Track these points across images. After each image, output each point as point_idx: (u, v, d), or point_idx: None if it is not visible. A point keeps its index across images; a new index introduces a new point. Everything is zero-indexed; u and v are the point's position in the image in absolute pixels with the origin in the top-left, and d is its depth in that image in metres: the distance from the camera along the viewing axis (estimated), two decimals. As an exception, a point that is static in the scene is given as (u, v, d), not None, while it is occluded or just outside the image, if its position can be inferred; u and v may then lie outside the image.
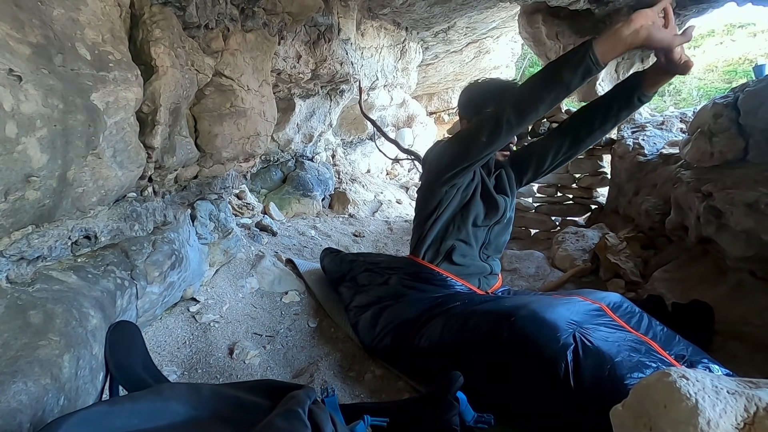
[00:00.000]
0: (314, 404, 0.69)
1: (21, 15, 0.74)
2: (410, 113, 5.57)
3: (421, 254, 1.40)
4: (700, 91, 8.19)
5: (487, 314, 1.08)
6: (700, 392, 0.50)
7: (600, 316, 1.01)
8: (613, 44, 0.94)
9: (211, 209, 1.73)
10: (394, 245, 2.73)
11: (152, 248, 1.22)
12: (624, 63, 2.64)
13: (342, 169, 4.13)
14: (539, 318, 0.95)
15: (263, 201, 3.10)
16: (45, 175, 0.78)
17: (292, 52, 2.54)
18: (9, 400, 0.66)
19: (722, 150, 1.52)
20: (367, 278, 1.53)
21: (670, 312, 1.34)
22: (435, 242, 1.38)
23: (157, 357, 1.22)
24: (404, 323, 1.24)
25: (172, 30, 1.18)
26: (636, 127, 2.58)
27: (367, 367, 1.29)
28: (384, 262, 1.57)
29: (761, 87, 1.44)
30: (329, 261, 1.82)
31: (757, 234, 1.24)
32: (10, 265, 0.84)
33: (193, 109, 1.44)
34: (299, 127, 3.30)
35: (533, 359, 0.91)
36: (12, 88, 0.69)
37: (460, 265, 1.35)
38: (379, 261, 1.60)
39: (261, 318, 1.57)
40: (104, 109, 0.91)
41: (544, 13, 2.74)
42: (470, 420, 0.88)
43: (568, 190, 2.95)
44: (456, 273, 1.35)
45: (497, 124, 1.11)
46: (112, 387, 0.88)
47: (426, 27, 3.94)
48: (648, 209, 1.99)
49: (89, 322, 0.89)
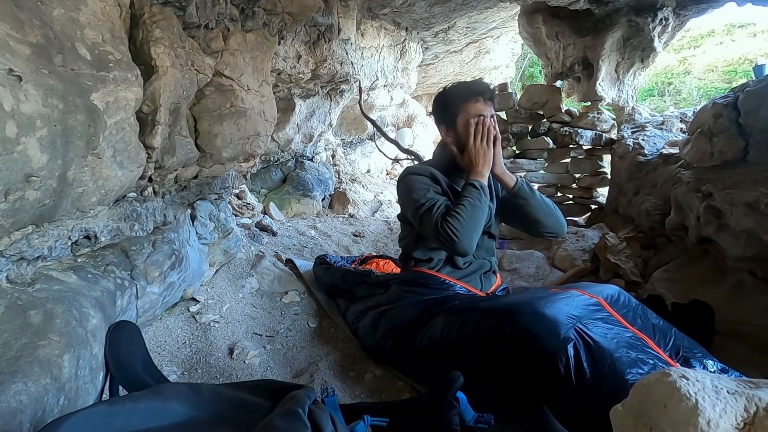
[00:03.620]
0: (314, 404, 0.69)
1: (21, 15, 0.74)
2: (410, 113, 5.57)
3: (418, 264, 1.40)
4: (700, 91, 8.18)
5: (487, 311, 1.08)
6: (700, 392, 0.50)
7: (598, 311, 1.01)
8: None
9: (211, 209, 1.73)
10: (394, 245, 2.73)
11: (152, 248, 1.22)
12: (624, 63, 2.64)
13: (342, 169, 4.13)
14: (539, 313, 0.96)
15: (263, 201, 3.10)
16: (45, 175, 0.78)
17: (292, 52, 2.54)
18: (9, 400, 0.66)
19: (722, 150, 1.52)
20: (366, 290, 1.55)
21: (670, 312, 1.34)
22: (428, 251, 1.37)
23: (157, 357, 1.22)
24: (405, 325, 1.25)
25: (172, 30, 1.18)
26: (636, 127, 2.58)
27: (367, 367, 1.29)
28: (382, 276, 1.60)
29: (761, 87, 1.44)
30: (322, 273, 1.83)
31: (757, 234, 1.24)
32: (10, 265, 0.84)
33: (193, 109, 1.44)
34: (299, 127, 3.30)
35: (534, 354, 0.91)
36: (12, 88, 0.69)
37: (460, 268, 1.35)
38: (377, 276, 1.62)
39: (261, 318, 1.57)
40: (104, 109, 0.91)
41: (544, 13, 2.74)
42: (470, 420, 0.88)
43: (568, 190, 2.95)
44: (456, 276, 1.35)
45: (439, 242, 1.21)
46: (112, 387, 0.88)
47: (426, 27, 3.94)
48: (648, 209, 1.99)
49: (89, 322, 0.89)
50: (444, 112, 1.38)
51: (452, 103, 1.35)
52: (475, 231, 1.20)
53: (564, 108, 2.88)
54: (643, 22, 2.40)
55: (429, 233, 1.22)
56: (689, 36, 9.95)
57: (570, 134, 2.77)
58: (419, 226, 1.28)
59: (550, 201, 1.37)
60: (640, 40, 2.52)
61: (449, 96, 1.37)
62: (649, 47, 2.54)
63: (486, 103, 1.32)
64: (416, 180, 1.32)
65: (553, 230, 1.36)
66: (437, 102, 1.41)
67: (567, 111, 2.88)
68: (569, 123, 2.85)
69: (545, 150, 2.93)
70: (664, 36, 2.50)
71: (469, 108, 1.31)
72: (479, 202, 1.20)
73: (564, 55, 2.76)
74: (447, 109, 1.36)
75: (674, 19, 2.43)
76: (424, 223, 1.23)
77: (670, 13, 2.39)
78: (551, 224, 1.34)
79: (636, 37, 2.52)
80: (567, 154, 2.85)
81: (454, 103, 1.35)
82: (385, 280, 1.53)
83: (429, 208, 1.22)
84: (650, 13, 2.36)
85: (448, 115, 1.36)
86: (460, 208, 1.19)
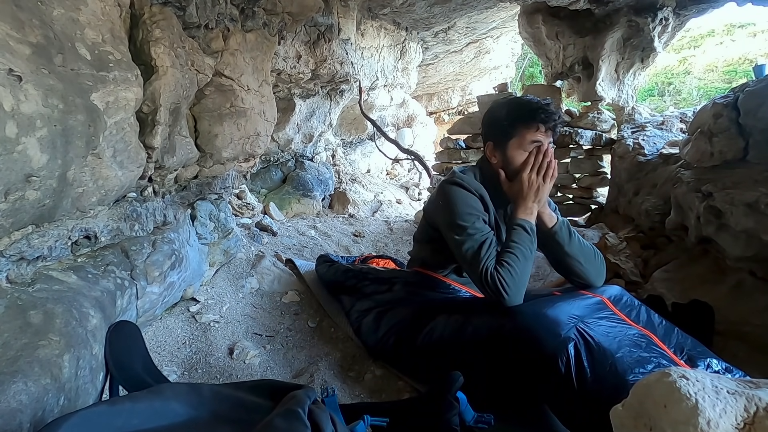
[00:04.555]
0: (314, 404, 0.69)
1: (21, 15, 0.74)
2: (410, 113, 5.57)
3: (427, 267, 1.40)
4: (700, 91, 8.18)
5: (488, 311, 1.08)
6: (700, 392, 0.50)
7: (601, 310, 1.01)
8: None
9: (211, 209, 1.73)
10: (394, 245, 2.73)
11: (152, 248, 1.22)
12: (624, 63, 2.64)
13: (342, 169, 4.13)
14: (540, 313, 0.96)
15: (263, 201, 3.10)
16: (45, 175, 0.78)
17: (292, 52, 2.55)
18: (9, 400, 0.66)
19: (722, 150, 1.52)
20: (370, 288, 1.52)
21: (670, 312, 1.34)
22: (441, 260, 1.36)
23: (157, 357, 1.22)
24: (406, 324, 1.25)
25: (172, 30, 1.18)
26: (636, 127, 2.58)
27: (367, 367, 1.29)
28: (386, 273, 1.56)
29: (761, 87, 1.44)
30: (324, 270, 1.81)
31: (757, 234, 1.24)
32: (10, 265, 0.84)
33: (193, 109, 1.44)
34: (299, 127, 3.30)
35: (534, 354, 0.91)
36: (12, 88, 0.69)
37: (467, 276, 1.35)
38: (380, 272, 1.58)
39: (261, 318, 1.57)
40: (104, 109, 0.91)
41: (544, 13, 2.74)
42: (470, 420, 0.88)
43: (568, 190, 2.95)
44: (462, 282, 1.35)
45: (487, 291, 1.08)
46: (112, 387, 0.88)
47: (426, 27, 3.94)
48: (648, 209, 1.99)
49: (89, 322, 0.89)
50: (496, 128, 1.21)
51: (509, 121, 1.18)
52: (524, 285, 1.06)
53: (564, 108, 2.88)
54: (643, 22, 2.40)
55: (473, 275, 1.11)
56: (689, 36, 9.94)
57: (570, 134, 2.77)
58: (461, 260, 1.15)
59: (591, 247, 1.20)
60: (640, 40, 2.52)
61: (508, 112, 1.19)
62: (649, 47, 2.54)
63: (547, 134, 1.16)
64: (465, 198, 1.17)
65: (585, 280, 1.17)
66: (491, 114, 1.25)
67: (567, 111, 2.88)
68: (569, 123, 2.85)
69: (545, 150, 2.92)
70: (664, 36, 2.50)
71: (526, 134, 1.15)
72: (530, 252, 1.08)
73: (564, 55, 2.76)
74: (500, 126, 1.20)
75: (674, 19, 2.43)
76: (468, 261, 1.10)
77: (670, 13, 2.39)
78: (584, 274, 1.16)
79: (636, 37, 2.52)
80: (567, 154, 2.85)
81: (510, 122, 1.18)
82: (388, 277, 1.50)
83: (479, 247, 1.09)
84: (650, 13, 2.36)
85: (499, 133, 1.20)
86: (512, 259, 1.06)
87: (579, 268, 1.16)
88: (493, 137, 1.23)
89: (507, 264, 1.05)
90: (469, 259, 1.10)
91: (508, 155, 1.19)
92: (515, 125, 1.17)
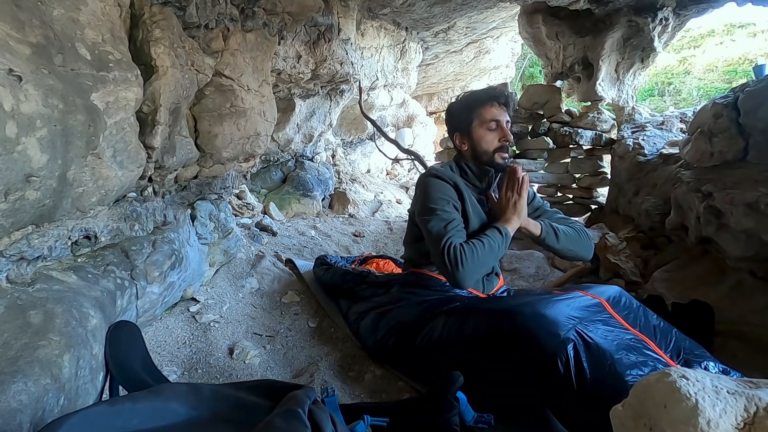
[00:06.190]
0: (314, 404, 0.69)
1: (21, 15, 0.74)
2: (410, 113, 5.57)
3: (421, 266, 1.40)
4: (700, 91, 8.18)
5: (487, 311, 1.08)
6: (700, 392, 0.50)
7: (599, 312, 1.01)
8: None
9: (211, 209, 1.73)
10: (394, 245, 2.73)
11: (152, 248, 1.22)
12: (624, 63, 2.64)
13: (342, 169, 4.13)
14: (539, 314, 0.96)
15: (263, 201, 3.10)
16: (45, 175, 0.78)
17: (292, 52, 2.54)
18: (9, 400, 0.66)
19: (722, 150, 1.52)
20: (367, 291, 1.54)
21: (670, 312, 1.34)
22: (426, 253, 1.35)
23: (157, 357, 1.22)
24: (405, 325, 1.25)
25: (172, 30, 1.18)
26: (636, 127, 2.58)
27: (367, 367, 1.29)
28: (383, 277, 1.58)
29: (761, 87, 1.44)
30: (322, 273, 1.82)
31: (757, 234, 1.24)
32: (10, 265, 0.84)
33: (193, 109, 1.44)
34: (299, 127, 3.30)
35: (534, 354, 0.91)
36: (12, 88, 0.69)
37: None
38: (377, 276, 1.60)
39: (261, 318, 1.57)
40: (104, 109, 0.91)
41: (544, 13, 2.75)
42: (470, 420, 0.88)
43: (568, 190, 2.95)
44: None
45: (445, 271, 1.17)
46: (112, 387, 0.88)
47: (426, 27, 3.94)
48: (648, 209, 1.99)
49: (89, 322, 0.89)
50: (458, 118, 1.35)
51: (466, 108, 1.32)
52: (480, 270, 1.17)
53: (564, 108, 2.88)
54: (643, 22, 2.40)
55: (433, 248, 1.19)
56: (689, 36, 9.95)
57: (570, 134, 2.77)
58: (427, 238, 1.24)
59: (576, 227, 1.35)
60: (640, 40, 2.52)
61: (463, 102, 1.34)
62: (649, 47, 2.54)
63: (501, 108, 1.29)
64: (439, 185, 1.28)
65: (578, 258, 1.38)
66: (451, 110, 1.38)
67: (567, 111, 2.88)
68: (569, 123, 2.85)
69: (545, 150, 2.93)
70: (664, 36, 2.50)
71: (483, 113, 1.29)
72: (497, 247, 1.19)
73: (564, 55, 2.77)
74: (461, 115, 1.33)
75: (674, 19, 2.43)
76: (433, 236, 1.19)
77: (670, 13, 2.39)
78: (576, 254, 1.34)
79: (636, 37, 2.52)
80: (567, 154, 2.85)
81: (468, 108, 1.31)
82: (385, 280, 1.52)
83: (445, 226, 1.19)
84: (650, 13, 2.36)
85: (462, 122, 1.33)
86: (478, 244, 1.16)
87: (572, 254, 1.34)
88: (458, 127, 1.35)
89: (472, 244, 1.16)
90: (434, 234, 1.19)
91: (474, 138, 1.31)
92: (473, 108, 1.31)
